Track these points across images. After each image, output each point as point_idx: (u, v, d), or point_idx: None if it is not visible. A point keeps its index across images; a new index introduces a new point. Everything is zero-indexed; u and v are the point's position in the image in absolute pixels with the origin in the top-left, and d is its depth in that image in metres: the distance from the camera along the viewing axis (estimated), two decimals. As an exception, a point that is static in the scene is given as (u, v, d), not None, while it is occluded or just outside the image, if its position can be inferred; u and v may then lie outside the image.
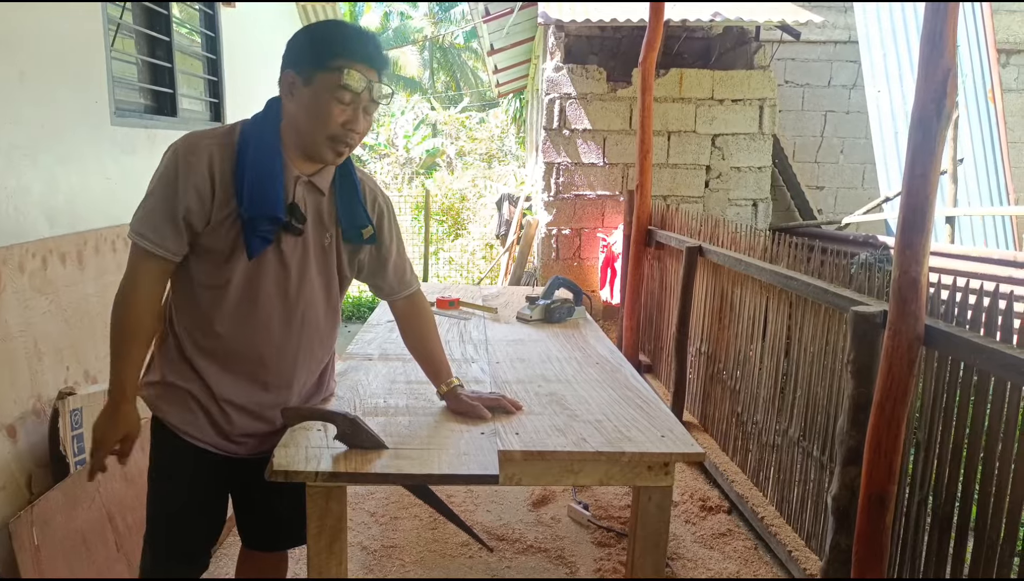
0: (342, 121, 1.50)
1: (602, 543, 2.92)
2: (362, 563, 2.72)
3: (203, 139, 1.53)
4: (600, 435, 1.75)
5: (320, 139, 1.52)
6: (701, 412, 3.93)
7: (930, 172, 1.90)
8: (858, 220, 6.59)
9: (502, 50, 8.89)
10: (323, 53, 1.48)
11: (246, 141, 1.53)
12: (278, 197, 1.52)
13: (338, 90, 1.47)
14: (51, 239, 2.66)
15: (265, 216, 1.51)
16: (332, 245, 1.67)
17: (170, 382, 1.62)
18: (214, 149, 1.52)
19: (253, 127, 1.56)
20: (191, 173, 1.49)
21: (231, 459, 1.68)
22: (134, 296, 1.55)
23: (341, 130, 1.51)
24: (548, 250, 6.30)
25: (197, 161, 1.50)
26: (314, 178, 1.61)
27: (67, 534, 2.25)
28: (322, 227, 1.64)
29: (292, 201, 1.57)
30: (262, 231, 1.52)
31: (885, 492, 2.02)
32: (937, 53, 1.85)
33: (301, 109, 1.51)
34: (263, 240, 1.54)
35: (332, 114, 1.49)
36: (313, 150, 1.55)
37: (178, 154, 1.50)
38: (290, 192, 1.57)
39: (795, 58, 7.68)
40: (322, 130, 1.50)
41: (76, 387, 2.63)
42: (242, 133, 1.55)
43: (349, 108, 1.50)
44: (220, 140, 1.54)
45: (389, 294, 1.86)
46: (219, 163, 1.51)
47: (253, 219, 1.51)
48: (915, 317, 1.94)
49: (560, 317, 3.02)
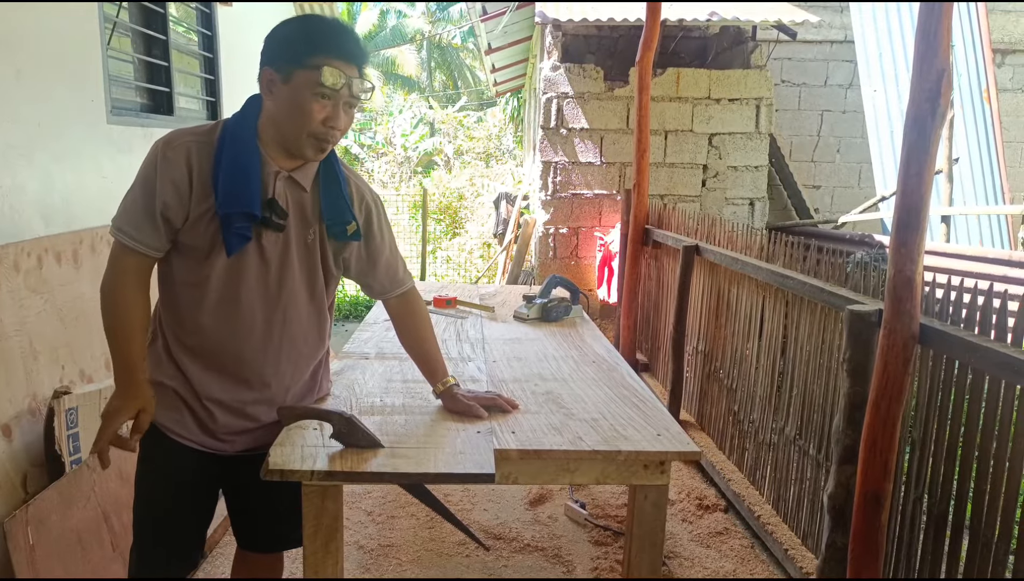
0: (322, 118, 1.49)
1: (599, 542, 2.92)
2: (359, 562, 2.72)
3: (184, 136, 1.53)
4: (596, 434, 1.75)
5: (301, 137, 1.51)
6: (698, 411, 3.93)
7: (925, 171, 1.90)
8: (854, 219, 6.60)
9: (499, 49, 8.90)
10: (300, 50, 1.47)
11: (226, 138, 1.53)
12: (254, 193, 1.51)
13: (317, 87, 1.46)
14: (47, 238, 2.65)
15: (240, 212, 1.50)
16: (316, 241, 1.65)
17: (157, 381, 1.62)
18: (193, 145, 1.52)
19: (231, 124, 1.56)
20: (169, 168, 1.49)
21: (221, 457, 1.68)
22: (118, 289, 1.56)
23: (322, 128, 1.50)
24: (545, 249, 6.30)
25: (175, 156, 1.50)
26: (295, 174, 1.60)
27: (62, 534, 2.25)
28: (305, 223, 1.63)
29: (271, 197, 1.56)
30: (239, 228, 1.52)
31: (881, 490, 2.03)
32: (931, 52, 1.85)
33: (281, 106, 1.50)
34: (241, 237, 1.53)
35: (312, 112, 1.48)
36: (294, 147, 1.54)
37: (158, 150, 1.51)
38: (269, 188, 1.56)
39: (791, 58, 7.69)
40: (303, 128, 1.50)
41: (71, 386, 2.62)
42: (223, 130, 1.55)
43: (329, 105, 1.49)
44: (201, 137, 1.54)
45: (381, 293, 1.85)
46: (197, 159, 1.51)
47: (228, 216, 1.50)
48: (910, 316, 1.94)
49: (557, 316, 3.02)
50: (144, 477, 1.68)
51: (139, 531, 1.69)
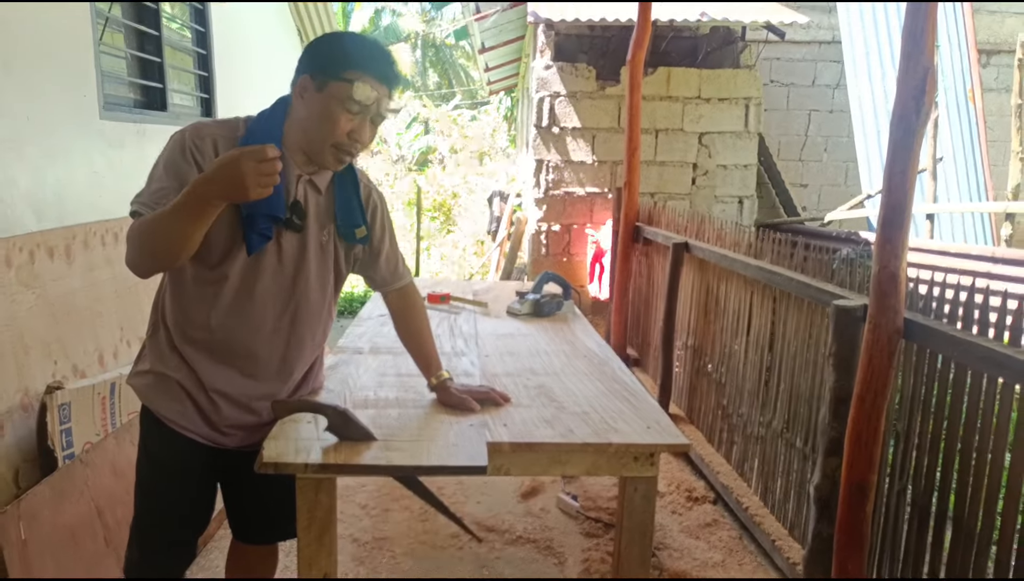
0: (348, 130, 1.52)
1: (590, 533, 2.95)
2: (353, 555, 2.74)
3: (210, 128, 1.56)
4: (587, 426, 1.78)
5: (325, 146, 1.54)
6: (687, 405, 3.97)
7: (909, 169, 1.93)
8: (841, 217, 6.66)
9: (493, 48, 8.91)
10: (339, 63, 1.50)
11: (251, 137, 1.54)
12: (280, 196, 1.54)
13: (348, 101, 1.49)
14: (38, 233, 2.65)
15: (265, 213, 1.53)
16: (330, 242, 1.69)
17: (160, 372, 1.63)
18: (219, 139, 1.54)
19: (257, 124, 1.58)
20: (198, 155, 1.51)
21: (220, 450, 1.70)
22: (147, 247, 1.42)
23: (346, 140, 1.53)
24: (538, 246, 6.33)
25: (204, 146, 1.52)
26: (314, 177, 1.64)
27: (55, 529, 2.24)
28: (320, 225, 1.67)
29: (295, 199, 1.60)
30: (262, 228, 1.55)
31: (865, 482, 2.06)
32: (917, 52, 1.88)
33: (310, 114, 1.53)
34: (262, 237, 1.56)
35: (339, 123, 1.50)
36: (317, 155, 1.57)
37: (185, 137, 1.52)
38: (292, 190, 1.59)
39: (780, 58, 7.74)
40: (328, 137, 1.52)
41: (64, 381, 2.63)
42: (248, 129, 1.57)
43: (356, 119, 1.52)
44: (226, 131, 1.56)
45: (381, 285, 1.90)
46: (223, 153, 1.52)
47: (252, 216, 1.53)
48: (894, 311, 1.98)
49: (549, 311, 3.05)
50: (146, 468, 1.70)
51: (139, 521, 1.71)
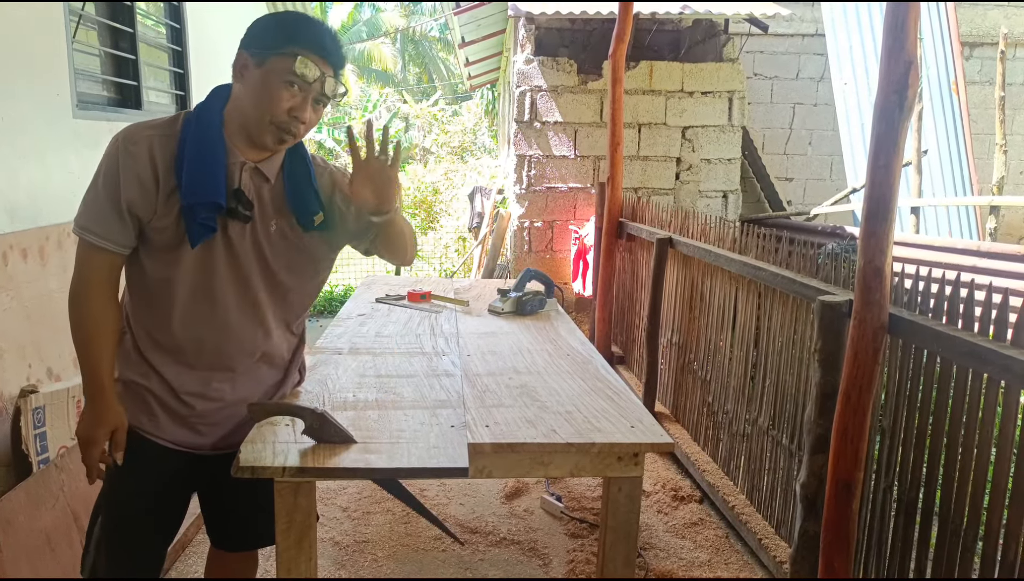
0: (288, 107, 1.48)
1: (575, 534, 2.93)
2: (334, 558, 2.70)
3: (144, 129, 1.51)
4: (570, 426, 1.76)
5: (264, 123, 1.49)
6: (673, 402, 3.96)
7: (893, 163, 1.92)
8: (826, 211, 6.68)
9: (473, 43, 8.86)
10: (280, 37, 1.46)
11: (187, 129, 1.51)
12: (219, 183, 1.49)
13: (289, 75, 1.45)
14: (11, 234, 2.60)
15: (204, 203, 1.48)
16: (290, 231, 1.63)
17: (128, 380, 1.60)
18: (155, 139, 1.49)
19: (194, 114, 1.54)
20: (132, 164, 1.46)
21: (194, 457, 1.65)
22: (87, 293, 1.52)
23: (285, 117, 1.48)
24: (520, 243, 6.30)
25: (138, 151, 1.47)
26: (261, 165, 1.58)
27: (30, 534, 2.21)
28: (275, 213, 1.61)
29: (237, 187, 1.54)
30: (203, 218, 1.49)
31: (852, 479, 2.05)
32: (899, 45, 1.87)
33: (249, 91, 1.49)
34: (205, 228, 1.50)
35: (280, 99, 1.46)
36: (256, 134, 1.52)
37: (119, 145, 1.48)
38: (235, 178, 1.54)
39: (763, 51, 7.74)
40: (267, 114, 1.48)
41: (39, 385, 2.58)
42: (184, 122, 1.53)
43: (299, 96, 1.48)
44: (162, 130, 1.51)
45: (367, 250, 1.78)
46: (161, 153, 1.49)
47: (192, 206, 1.48)
48: (879, 306, 1.96)
49: (532, 309, 3.02)
50: (115, 477, 1.65)
51: (107, 530, 1.65)
